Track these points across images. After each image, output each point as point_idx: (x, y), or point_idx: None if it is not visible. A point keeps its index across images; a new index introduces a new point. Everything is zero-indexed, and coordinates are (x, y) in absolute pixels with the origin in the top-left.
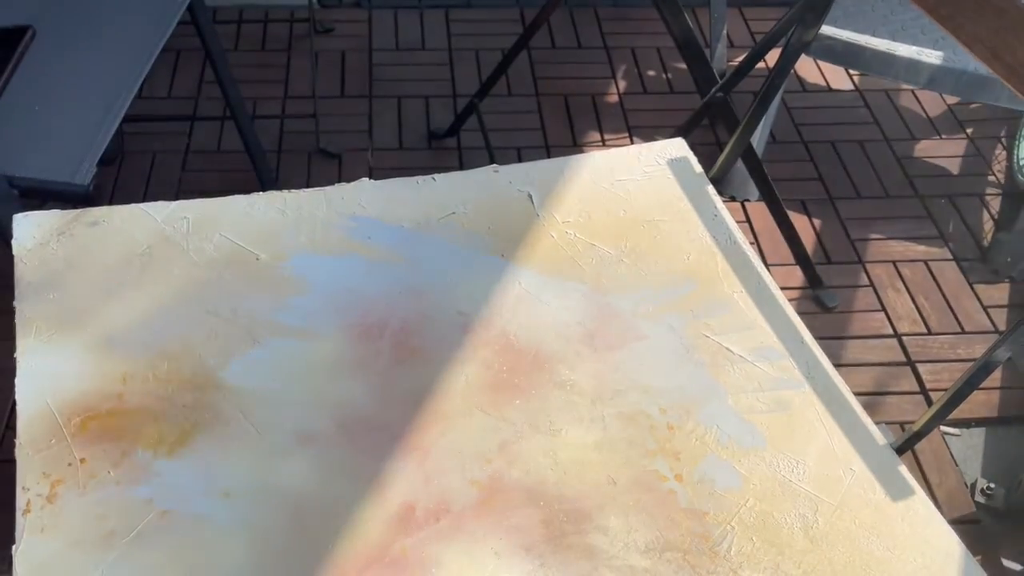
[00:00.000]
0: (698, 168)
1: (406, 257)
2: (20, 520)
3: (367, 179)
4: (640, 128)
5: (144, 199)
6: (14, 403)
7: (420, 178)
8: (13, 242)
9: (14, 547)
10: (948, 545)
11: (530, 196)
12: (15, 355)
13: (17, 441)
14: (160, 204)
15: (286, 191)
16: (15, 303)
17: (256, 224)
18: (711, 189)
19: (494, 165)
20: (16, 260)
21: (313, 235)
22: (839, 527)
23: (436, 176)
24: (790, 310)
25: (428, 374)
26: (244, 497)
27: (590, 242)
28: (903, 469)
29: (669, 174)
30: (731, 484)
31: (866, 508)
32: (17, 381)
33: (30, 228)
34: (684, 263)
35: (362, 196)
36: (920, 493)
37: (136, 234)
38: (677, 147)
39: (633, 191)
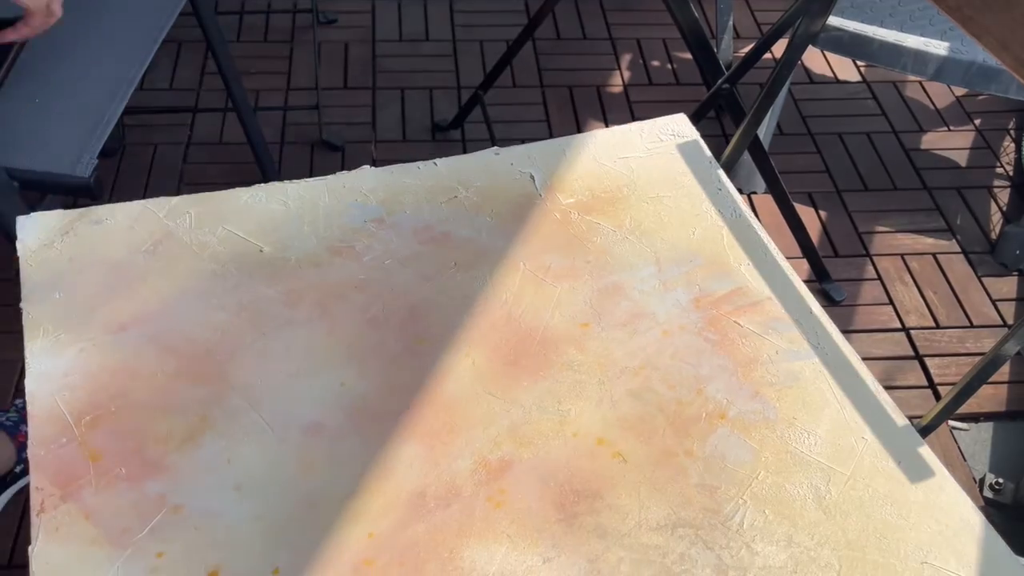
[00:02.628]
0: (701, 143)
1: (409, 242)
2: (35, 520)
3: (368, 166)
4: (645, 120)
5: (145, 191)
6: (15, 392)
7: (421, 163)
8: (18, 243)
9: (30, 547)
10: (963, 511)
11: (532, 177)
12: (24, 356)
13: (29, 442)
14: (162, 200)
15: (288, 181)
16: (22, 304)
17: (259, 216)
18: (714, 163)
19: (495, 148)
20: (21, 261)
21: (316, 225)
22: (852, 497)
23: (437, 161)
24: (798, 282)
25: (435, 359)
26: (255, 489)
27: (594, 221)
28: (916, 436)
29: (672, 150)
30: (742, 458)
31: (879, 477)
32: (27, 382)
33: (34, 229)
34: (689, 238)
35: (364, 183)
36: (934, 461)
37: (139, 231)
38: (679, 123)
39: (636, 168)
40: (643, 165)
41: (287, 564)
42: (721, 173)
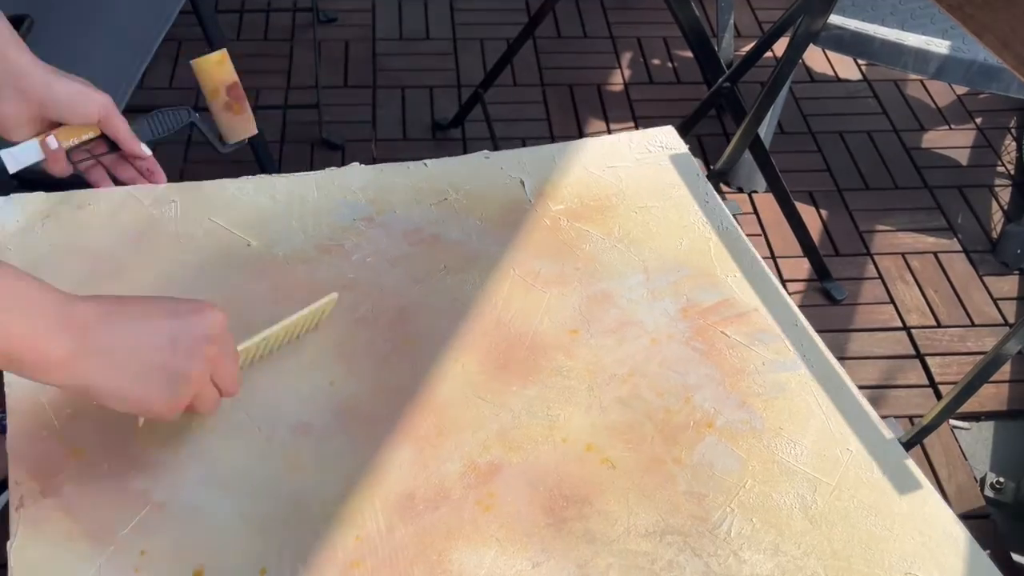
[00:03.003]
0: (690, 155)
1: (398, 243)
2: (14, 515)
3: (358, 164)
4: (646, 119)
5: None
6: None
7: (411, 163)
8: None
9: (9, 543)
10: (947, 524)
11: (522, 182)
12: None
13: (8, 435)
14: (147, 187)
15: (276, 175)
16: None
17: (246, 209)
18: (703, 175)
19: (485, 151)
20: None
21: (304, 221)
22: (838, 507)
23: (427, 162)
24: (784, 293)
25: (424, 362)
26: (241, 488)
27: (583, 228)
28: (900, 449)
29: (661, 160)
30: (730, 466)
31: (864, 488)
32: (6, 372)
33: (14, 211)
34: (677, 248)
35: (353, 181)
36: (918, 472)
37: (124, 218)
38: (667, 135)
39: (624, 178)
40: (632, 175)
41: (273, 564)
42: (709, 186)
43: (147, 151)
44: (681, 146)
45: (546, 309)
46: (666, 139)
